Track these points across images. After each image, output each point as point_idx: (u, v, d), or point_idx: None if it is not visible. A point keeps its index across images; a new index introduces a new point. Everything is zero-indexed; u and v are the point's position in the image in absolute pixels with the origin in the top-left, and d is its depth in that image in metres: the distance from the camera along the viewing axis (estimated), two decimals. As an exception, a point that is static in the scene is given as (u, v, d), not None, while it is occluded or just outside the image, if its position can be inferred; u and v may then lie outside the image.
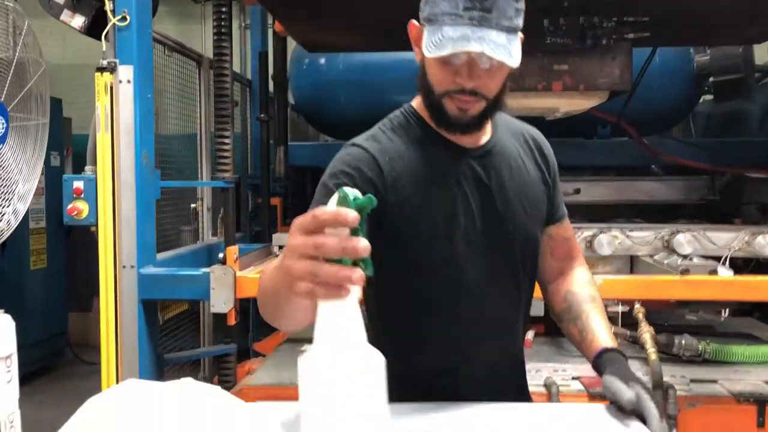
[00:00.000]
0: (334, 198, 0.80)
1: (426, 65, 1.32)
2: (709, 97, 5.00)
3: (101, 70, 2.61)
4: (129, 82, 2.69)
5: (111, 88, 2.64)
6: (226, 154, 3.22)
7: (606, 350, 1.39)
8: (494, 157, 1.42)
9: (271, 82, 4.36)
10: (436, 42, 1.22)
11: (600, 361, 1.38)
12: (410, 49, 1.37)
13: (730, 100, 4.70)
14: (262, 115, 3.97)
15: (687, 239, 2.97)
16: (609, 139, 4.41)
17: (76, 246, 5.59)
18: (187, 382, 0.73)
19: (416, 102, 1.44)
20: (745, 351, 2.92)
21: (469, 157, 1.39)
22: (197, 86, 3.84)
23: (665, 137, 4.59)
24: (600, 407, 1.35)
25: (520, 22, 1.26)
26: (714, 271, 2.69)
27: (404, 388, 1.18)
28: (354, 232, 0.74)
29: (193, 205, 3.75)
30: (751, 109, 4.80)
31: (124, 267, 2.71)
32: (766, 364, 2.90)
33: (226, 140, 3.21)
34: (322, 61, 4.68)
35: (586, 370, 2.84)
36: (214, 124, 3.43)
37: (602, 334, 1.42)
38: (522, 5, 1.26)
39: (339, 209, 0.80)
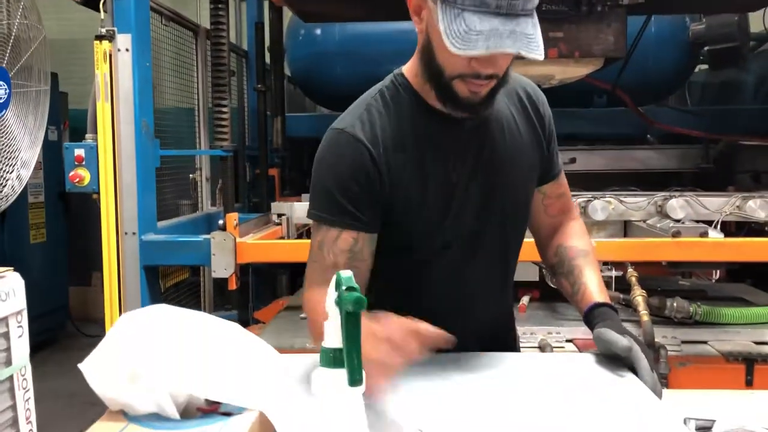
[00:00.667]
0: (332, 284, 0.77)
1: (435, 44, 1.23)
2: (704, 66, 5.02)
3: (100, 38, 2.63)
4: (127, 50, 2.71)
5: (110, 56, 2.66)
6: (224, 123, 3.25)
7: (598, 305, 1.40)
8: (489, 124, 1.38)
9: (268, 53, 4.36)
10: (461, 34, 1.13)
11: (592, 315, 1.40)
12: (407, 19, 1.29)
13: (725, 68, 4.71)
14: (259, 86, 3.99)
15: (680, 204, 3.02)
16: (605, 108, 4.43)
17: (75, 220, 5.63)
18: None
19: (407, 70, 1.38)
20: (735, 312, 2.98)
21: (464, 128, 1.35)
22: (194, 57, 3.85)
23: (661, 106, 4.61)
24: (590, 356, 1.40)
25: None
26: (705, 234, 2.74)
27: None
28: (350, 330, 0.70)
29: (192, 176, 3.78)
30: (745, 78, 4.82)
31: (126, 234, 2.76)
32: (756, 325, 2.96)
33: (224, 109, 3.24)
34: (318, 32, 4.68)
35: (580, 332, 2.91)
36: (211, 95, 3.45)
37: (594, 289, 1.43)
38: None
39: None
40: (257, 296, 4.15)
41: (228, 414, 0.65)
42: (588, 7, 2.99)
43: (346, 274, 0.74)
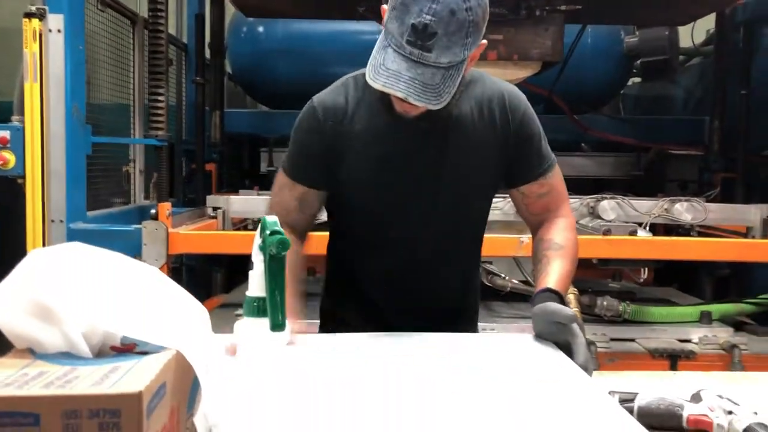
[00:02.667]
0: (258, 230, 0.76)
1: None
2: (637, 78, 5.19)
3: (29, 15, 2.54)
4: (59, 31, 2.62)
5: (40, 36, 2.57)
6: (160, 112, 3.17)
7: (547, 289, 1.41)
8: (447, 125, 1.44)
9: (208, 49, 4.29)
10: (375, 65, 1.25)
11: (538, 298, 1.40)
12: (349, 18, 1.40)
13: (657, 81, 4.88)
14: (198, 78, 3.91)
15: (611, 206, 3.10)
16: (541, 114, 4.52)
17: None
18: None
19: None
20: (661, 312, 3.08)
21: (421, 127, 1.41)
22: (131, 47, 3.75)
23: (595, 115, 4.74)
24: (524, 336, 1.42)
25: (468, 52, 1.25)
26: (634, 232, 2.82)
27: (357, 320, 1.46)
28: (273, 272, 0.71)
29: (125, 168, 3.67)
30: (675, 91, 5.01)
31: (53, 221, 2.66)
32: (680, 324, 3.07)
33: (160, 98, 3.16)
34: (261, 29, 4.63)
35: (513, 329, 2.96)
36: (147, 83, 3.36)
37: (552, 278, 1.44)
38: (476, 34, 1.24)
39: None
40: (192, 288, 4.04)
41: (144, 353, 0.62)
42: (527, 11, 3.05)
43: (271, 218, 0.72)
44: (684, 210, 3.11)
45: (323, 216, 1.62)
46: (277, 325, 0.69)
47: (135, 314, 0.64)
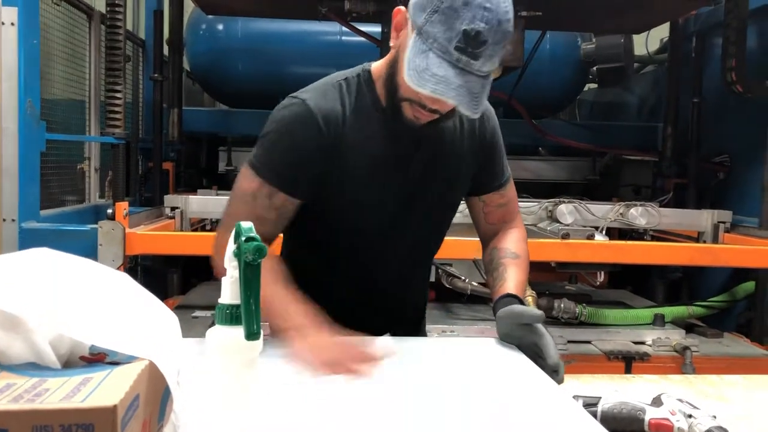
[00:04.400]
0: (231, 236, 0.75)
1: (400, 65, 1.29)
2: (593, 85, 5.29)
3: (-18, 8, 2.46)
4: (13, 24, 2.55)
5: (-7, 29, 2.49)
6: (116, 109, 3.10)
7: (508, 295, 1.44)
8: (434, 133, 1.44)
9: (167, 46, 4.22)
10: (419, 70, 1.21)
11: (499, 304, 1.43)
12: (311, 18, 1.36)
13: (612, 87, 4.99)
14: (156, 75, 3.85)
15: (569, 210, 3.15)
16: (501, 119, 4.58)
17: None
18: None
19: (375, 69, 1.43)
20: (616, 314, 3.14)
21: (409, 134, 1.41)
22: (87, 41, 3.67)
23: (553, 120, 4.82)
24: (489, 341, 1.43)
25: (501, 59, 1.26)
26: (591, 236, 2.87)
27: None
28: (248, 280, 0.69)
29: (80, 165, 3.59)
30: (629, 97, 5.13)
31: (4, 220, 2.58)
32: (634, 327, 3.14)
33: (117, 95, 3.09)
34: (220, 27, 4.58)
35: (473, 331, 2.99)
36: (104, 79, 3.29)
37: (510, 284, 1.47)
38: (509, 42, 1.25)
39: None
40: (148, 288, 3.96)
41: (115, 363, 0.61)
42: (489, 16, 3.08)
43: (246, 224, 0.71)
44: (639, 215, 3.18)
45: None
46: (252, 334, 0.68)
47: (104, 323, 0.62)
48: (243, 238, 0.69)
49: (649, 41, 4.84)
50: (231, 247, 0.71)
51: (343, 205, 1.43)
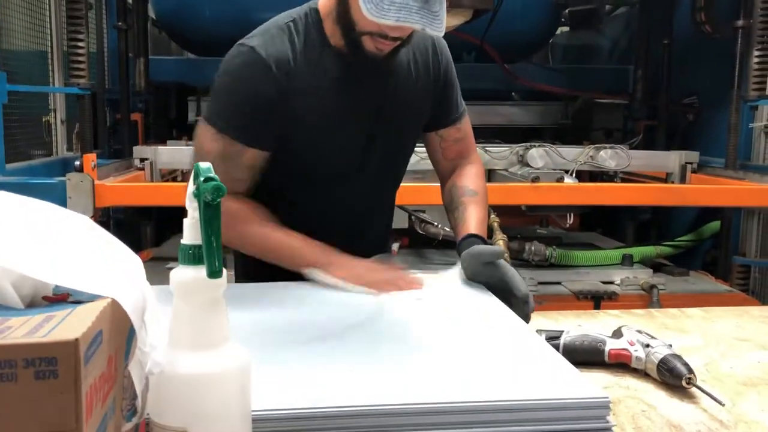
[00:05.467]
0: (191, 177, 0.74)
1: (352, 1, 1.28)
2: (565, 28, 5.25)
3: (-67, -46, 2.37)
4: (-34, -29, 2.46)
5: (-55, -24, 2.40)
6: (80, 59, 3.03)
7: (471, 235, 1.47)
8: (389, 68, 1.44)
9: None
10: (377, 2, 1.20)
11: (463, 245, 1.46)
12: None
13: (584, 30, 4.96)
14: (120, 23, 3.75)
15: (539, 153, 3.18)
16: (473, 63, 4.55)
17: None
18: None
19: (322, 7, 1.41)
20: (585, 255, 3.21)
21: (365, 71, 1.42)
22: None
23: (525, 64, 4.79)
24: (454, 276, 1.45)
25: None
26: (561, 179, 2.90)
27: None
28: (208, 219, 0.68)
29: (45, 118, 3.52)
30: (601, 40, 5.11)
31: (-32, 174, 2.54)
32: (603, 267, 3.21)
33: (80, 44, 3.02)
34: (186, -29, 4.45)
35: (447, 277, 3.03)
36: (66, 29, 3.20)
37: (472, 223, 1.50)
38: None
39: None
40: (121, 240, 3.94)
41: (78, 302, 0.61)
42: (458, -42, 3.04)
43: (204, 165, 0.72)
44: (608, 157, 3.21)
45: None
46: (214, 272, 0.69)
47: (67, 263, 0.63)
48: (201, 179, 0.69)
49: (620, -17, 4.81)
50: (191, 188, 0.71)
51: (305, 148, 1.43)
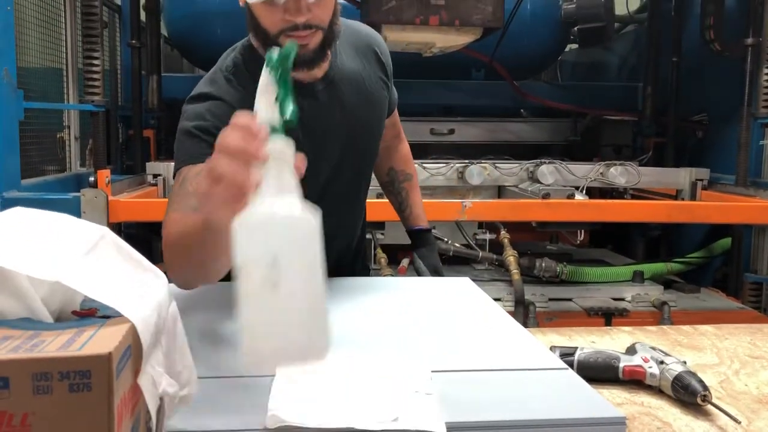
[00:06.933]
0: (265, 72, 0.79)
1: (252, 10, 1.28)
2: (574, 45, 5.28)
3: (-47, -26, 2.41)
4: (-15, -10, 2.50)
5: (-35, -5, 2.45)
6: (95, 76, 3.07)
7: (422, 230, 1.83)
8: (341, 84, 1.45)
9: (143, 11, 4.16)
10: None
11: (415, 238, 1.82)
12: None
13: (593, 47, 4.99)
14: (134, 41, 3.80)
15: (549, 170, 3.19)
16: (482, 81, 4.58)
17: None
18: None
19: (253, 40, 1.40)
20: (596, 272, 3.20)
21: (313, 92, 1.41)
22: (62, 7, 3.61)
23: (534, 81, 4.82)
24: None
25: None
26: (571, 196, 2.91)
27: None
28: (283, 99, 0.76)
29: (59, 134, 3.56)
30: (610, 57, 5.13)
31: (-15, 190, 2.57)
32: (614, 284, 3.20)
33: (95, 62, 3.06)
34: (198, -10, 4.51)
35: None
36: (81, 47, 3.25)
37: (419, 212, 1.85)
38: None
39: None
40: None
41: (106, 317, 0.63)
42: (469, -23, 3.07)
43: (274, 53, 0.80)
44: (618, 174, 3.22)
45: None
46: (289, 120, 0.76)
47: (93, 277, 0.64)
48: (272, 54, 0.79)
49: (629, 0, 4.84)
50: (265, 74, 0.79)
51: None
